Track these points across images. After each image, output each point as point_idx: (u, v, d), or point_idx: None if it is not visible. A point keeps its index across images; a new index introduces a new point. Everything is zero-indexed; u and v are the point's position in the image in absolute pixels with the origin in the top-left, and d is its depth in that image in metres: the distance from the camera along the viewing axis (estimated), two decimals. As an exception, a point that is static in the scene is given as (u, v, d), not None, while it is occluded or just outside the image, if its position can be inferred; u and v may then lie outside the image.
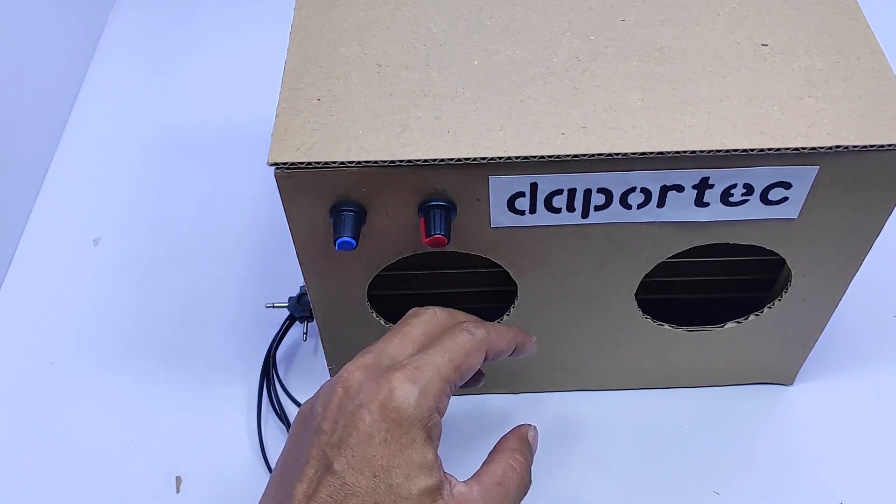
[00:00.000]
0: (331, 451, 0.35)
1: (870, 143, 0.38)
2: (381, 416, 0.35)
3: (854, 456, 0.54)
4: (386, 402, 0.35)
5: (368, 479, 0.34)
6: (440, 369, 0.37)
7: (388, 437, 0.35)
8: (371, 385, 0.36)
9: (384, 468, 0.35)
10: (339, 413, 0.36)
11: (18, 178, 0.69)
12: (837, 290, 0.48)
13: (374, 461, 0.35)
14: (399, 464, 0.35)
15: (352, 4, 0.46)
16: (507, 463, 0.40)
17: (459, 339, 0.39)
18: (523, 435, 0.42)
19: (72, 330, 0.61)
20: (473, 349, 0.39)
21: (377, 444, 0.35)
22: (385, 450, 0.35)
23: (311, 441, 0.36)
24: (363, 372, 0.37)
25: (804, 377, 0.57)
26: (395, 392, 0.35)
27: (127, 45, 0.83)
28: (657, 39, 0.44)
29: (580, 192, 0.41)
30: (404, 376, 0.36)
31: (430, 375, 0.37)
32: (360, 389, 0.36)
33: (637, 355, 0.53)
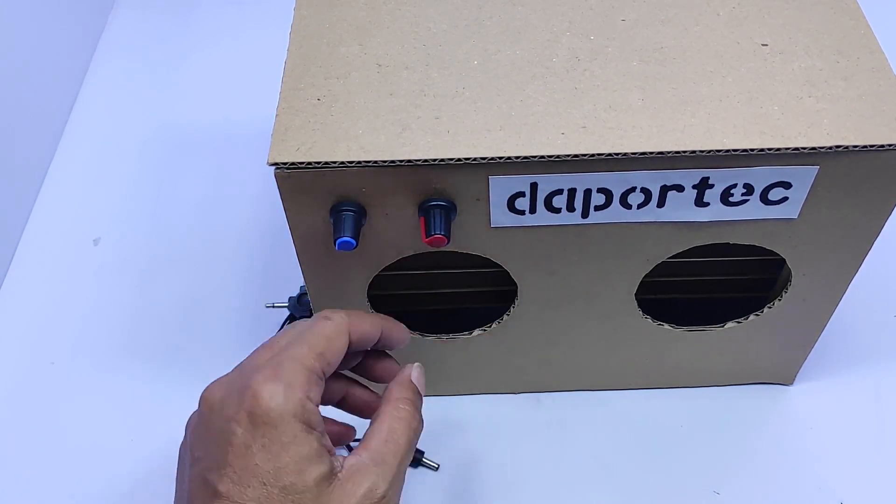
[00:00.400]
0: (211, 476, 0.34)
1: (870, 143, 0.38)
2: (252, 424, 0.34)
3: (854, 456, 0.53)
4: (253, 409, 0.34)
5: (258, 490, 0.34)
6: (302, 360, 0.36)
7: (265, 441, 0.34)
8: (233, 397, 0.35)
9: (272, 473, 0.34)
10: (208, 435, 0.35)
11: (18, 177, 0.68)
12: (837, 290, 0.48)
13: (259, 470, 0.34)
14: (285, 463, 0.34)
15: (352, 4, 0.46)
16: (391, 416, 0.39)
17: (317, 327, 0.38)
18: (405, 379, 0.41)
19: (72, 330, 0.61)
20: (333, 333, 0.38)
21: (256, 452, 0.34)
22: (267, 455, 0.34)
23: (190, 473, 0.35)
24: (223, 387, 0.36)
25: (804, 377, 0.57)
26: (259, 395, 0.34)
27: (127, 45, 0.83)
28: (657, 39, 0.44)
29: (580, 191, 0.41)
30: (264, 377, 0.35)
31: (292, 368, 0.36)
32: (224, 405, 0.35)
33: (637, 355, 0.53)
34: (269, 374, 0.35)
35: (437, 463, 0.54)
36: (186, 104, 0.76)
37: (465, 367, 0.54)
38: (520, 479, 0.53)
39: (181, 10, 0.86)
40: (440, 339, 0.52)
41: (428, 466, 0.54)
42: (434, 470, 0.54)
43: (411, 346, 0.52)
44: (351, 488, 0.35)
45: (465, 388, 0.56)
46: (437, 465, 0.54)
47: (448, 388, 0.56)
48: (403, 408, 0.40)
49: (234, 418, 0.34)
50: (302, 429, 0.35)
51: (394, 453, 0.37)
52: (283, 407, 0.34)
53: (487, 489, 0.53)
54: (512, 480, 0.53)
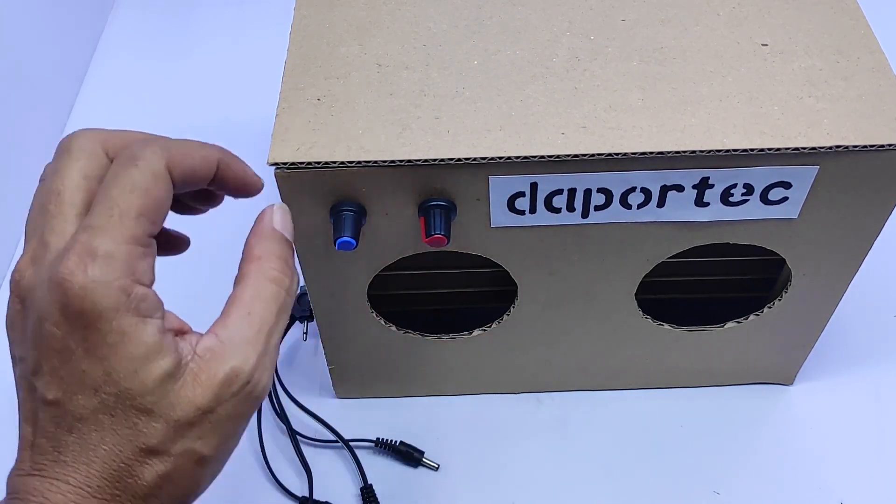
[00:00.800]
0: (37, 381, 0.29)
1: (870, 143, 0.38)
2: (69, 326, 0.28)
3: (854, 456, 0.54)
4: (66, 307, 0.28)
5: (90, 398, 0.29)
6: (114, 233, 0.29)
7: (87, 345, 0.28)
8: (43, 287, 0.29)
9: (102, 379, 0.29)
10: (24, 335, 0.30)
11: (19, 177, 0.68)
12: (837, 290, 0.48)
13: (87, 377, 0.29)
14: (117, 366, 0.29)
15: (352, 4, 0.46)
16: (254, 278, 0.33)
17: (126, 181, 0.30)
18: (266, 230, 0.35)
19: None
20: (148, 181, 0.30)
21: (81, 357, 0.28)
22: (92, 360, 0.28)
23: (16, 374, 0.31)
24: (31, 271, 0.30)
25: (804, 377, 0.57)
26: (70, 288, 0.28)
27: (127, 45, 0.83)
28: (657, 39, 0.44)
29: (580, 191, 0.40)
30: (73, 266, 0.28)
31: (106, 248, 0.28)
32: (34, 297, 0.29)
33: (637, 355, 0.53)
34: (76, 261, 0.28)
35: (437, 463, 0.54)
36: (186, 104, 0.76)
37: (465, 367, 0.54)
38: (520, 479, 0.53)
39: (181, 10, 0.86)
40: (440, 339, 0.52)
41: (428, 466, 0.54)
42: (434, 470, 0.54)
43: (411, 345, 0.52)
44: (205, 379, 0.30)
45: (465, 388, 0.56)
46: (437, 465, 0.54)
47: (448, 388, 0.56)
48: (269, 266, 0.33)
49: (48, 317, 0.28)
50: (132, 322, 0.29)
51: (259, 327, 0.32)
52: (101, 303, 0.28)
53: (487, 489, 0.53)
54: (512, 480, 0.53)
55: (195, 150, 0.32)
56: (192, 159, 0.32)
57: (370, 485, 0.52)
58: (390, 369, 0.54)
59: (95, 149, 0.32)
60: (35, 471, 0.29)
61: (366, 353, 0.52)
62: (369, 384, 0.56)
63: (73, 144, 0.32)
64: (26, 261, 0.31)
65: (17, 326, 0.30)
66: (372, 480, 0.53)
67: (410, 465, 0.54)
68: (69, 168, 0.31)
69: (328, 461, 0.54)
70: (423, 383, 0.56)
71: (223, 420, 0.31)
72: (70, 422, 0.29)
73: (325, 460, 0.54)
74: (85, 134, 0.32)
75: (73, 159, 0.31)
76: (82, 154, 0.31)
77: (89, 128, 0.32)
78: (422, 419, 0.56)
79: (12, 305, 0.31)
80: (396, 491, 0.53)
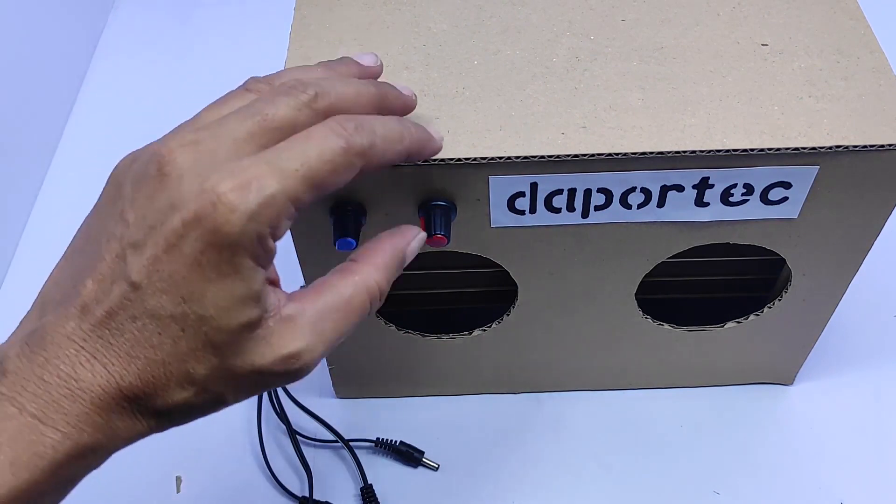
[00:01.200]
0: (131, 254, 0.28)
1: (870, 142, 0.38)
2: (198, 232, 0.27)
3: (854, 456, 0.54)
4: (204, 215, 0.27)
5: (174, 304, 0.28)
6: (287, 185, 0.28)
7: (202, 259, 0.28)
8: (192, 181, 0.28)
9: (195, 295, 0.28)
10: (148, 205, 0.28)
11: (19, 177, 0.68)
12: (837, 290, 0.48)
13: (184, 284, 0.28)
14: (215, 293, 0.28)
15: (352, 4, 0.46)
16: (361, 284, 0.32)
17: (327, 145, 0.30)
18: (399, 247, 0.35)
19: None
20: (343, 164, 0.30)
21: (189, 263, 0.28)
22: (198, 274, 0.28)
23: (111, 229, 0.29)
24: (192, 155, 0.29)
25: (804, 377, 0.57)
26: (219, 207, 0.27)
27: (127, 45, 0.83)
28: (657, 39, 0.44)
29: (580, 191, 0.40)
30: (236, 186, 0.27)
31: (271, 192, 0.28)
32: (180, 181, 0.28)
33: (637, 355, 0.53)
34: (241, 184, 0.28)
35: (437, 463, 0.54)
36: (186, 104, 0.76)
37: (465, 367, 0.54)
38: (520, 479, 0.53)
39: (181, 10, 0.86)
40: (440, 339, 0.52)
41: (428, 466, 0.54)
42: (434, 470, 0.54)
43: (411, 345, 0.52)
44: (274, 344, 0.30)
45: (465, 388, 0.56)
46: (437, 465, 0.54)
47: (448, 388, 0.56)
48: (378, 282, 0.33)
49: (181, 210, 0.28)
50: (248, 265, 0.28)
51: (337, 330, 0.32)
52: (238, 236, 0.28)
53: (487, 489, 0.53)
54: (512, 480, 0.53)
55: (396, 142, 0.33)
56: (391, 153, 0.32)
57: (370, 485, 0.52)
58: (390, 369, 0.54)
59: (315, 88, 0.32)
60: (77, 337, 0.28)
61: (366, 353, 0.52)
62: (369, 384, 0.56)
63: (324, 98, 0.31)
64: (187, 141, 0.29)
65: (143, 195, 0.28)
66: (372, 480, 0.53)
67: (410, 465, 0.54)
68: (280, 101, 0.31)
69: (328, 461, 0.54)
70: (423, 383, 0.56)
71: (261, 384, 0.31)
72: (139, 312, 0.28)
73: (325, 460, 0.54)
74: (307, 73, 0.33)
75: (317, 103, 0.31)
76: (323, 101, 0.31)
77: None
78: (422, 419, 0.56)
79: (150, 174, 0.29)
80: (396, 491, 0.53)
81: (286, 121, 0.30)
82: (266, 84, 0.33)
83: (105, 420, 0.28)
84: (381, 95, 0.34)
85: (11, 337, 0.30)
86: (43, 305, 0.30)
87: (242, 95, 0.33)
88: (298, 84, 0.32)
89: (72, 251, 0.31)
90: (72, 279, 0.29)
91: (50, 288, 0.30)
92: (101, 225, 0.30)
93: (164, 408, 0.29)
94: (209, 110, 0.33)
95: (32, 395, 0.27)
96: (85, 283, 0.28)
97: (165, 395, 0.29)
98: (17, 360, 0.28)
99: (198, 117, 0.33)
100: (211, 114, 0.32)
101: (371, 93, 0.34)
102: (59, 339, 0.28)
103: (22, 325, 0.30)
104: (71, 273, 0.30)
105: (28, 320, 0.30)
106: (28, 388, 0.27)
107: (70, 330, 0.28)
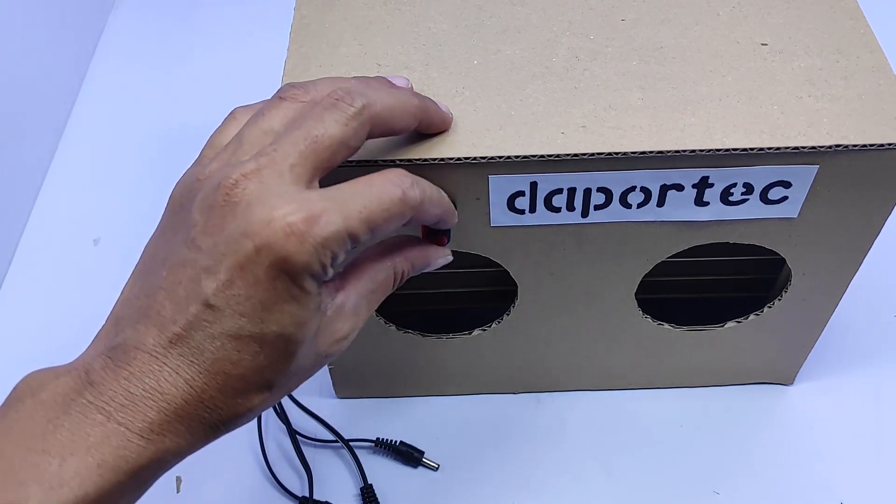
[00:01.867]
0: (206, 279, 0.30)
1: (870, 142, 0.38)
2: (270, 259, 0.30)
3: (854, 456, 0.53)
4: (276, 244, 0.29)
5: (251, 325, 0.30)
6: (349, 224, 0.31)
7: (275, 283, 0.30)
8: (262, 211, 0.30)
9: (270, 316, 0.30)
10: (219, 232, 0.30)
11: (19, 177, 0.68)
12: (837, 290, 0.48)
13: (259, 306, 0.30)
14: (288, 313, 0.31)
15: (352, 4, 0.46)
16: (393, 266, 0.36)
17: (386, 194, 0.33)
18: (427, 258, 0.39)
19: (72, 330, 0.61)
20: (397, 214, 0.33)
21: (263, 287, 0.30)
22: (271, 296, 0.30)
23: (184, 255, 0.31)
24: (256, 185, 0.30)
25: (804, 377, 0.57)
26: (291, 238, 0.30)
27: (127, 45, 0.83)
28: (657, 39, 0.44)
29: (580, 191, 0.41)
30: (306, 218, 0.30)
31: (336, 228, 0.30)
32: (250, 211, 0.30)
33: (637, 355, 0.53)
34: (309, 216, 0.30)
35: (437, 463, 0.54)
36: (187, 104, 0.76)
37: (465, 367, 0.54)
38: (520, 479, 0.53)
39: (181, 11, 0.86)
40: (440, 339, 0.52)
41: (428, 466, 0.54)
42: (434, 470, 0.54)
43: (411, 345, 0.52)
44: (330, 330, 0.33)
45: (465, 388, 0.56)
46: (437, 465, 0.54)
47: (448, 388, 0.56)
48: (402, 267, 0.37)
49: (253, 238, 0.30)
50: (314, 287, 0.31)
51: (372, 306, 0.36)
52: (308, 263, 0.30)
53: (487, 489, 0.53)
54: (512, 480, 0.53)
55: (438, 204, 0.37)
56: (435, 211, 0.36)
57: (370, 485, 0.52)
58: (390, 369, 0.54)
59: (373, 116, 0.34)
60: (159, 354, 0.30)
61: (366, 353, 0.52)
62: (369, 384, 0.56)
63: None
64: (250, 170, 0.31)
65: (217, 216, 0.30)
66: (372, 480, 0.53)
67: (410, 465, 0.54)
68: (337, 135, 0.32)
69: (328, 461, 0.54)
70: (423, 383, 0.56)
71: (318, 367, 0.34)
72: (217, 333, 0.30)
73: (325, 460, 0.54)
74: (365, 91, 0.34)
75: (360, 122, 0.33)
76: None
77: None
78: (422, 419, 0.56)
79: (217, 202, 0.30)
80: (396, 491, 0.53)
81: (336, 139, 0.32)
82: (303, 91, 0.35)
83: (186, 428, 0.31)
84: (424, 108, 0.37)
85: (90, 350, 0.32)
86: (117, 322, 0.32)
87: (281, 105, 0.34)
88: (344, 95, 0.33)
89: (141, 272, 0.33)
90: (146, 299, 0.31)
91: (123, 306, 0.33)
92: (169, 249, 0.32)
93: (241, 412, 0.32)
94: (251, 126, 0.34)
95: (119, 405, 0.29)
96: (163, 304, 0.31)
97: (245, 402, 0.32)
98: (102, 372, 0.30)
99: (241, 136, 0.34)
100: (254, 130, 0.34)
101: (415, 104, 0.36)
102: (143, 355, 0.30)
103: (99, 338, 0.33)
104: (144, 293, 0.32)
105: (105, 335, 0.32)
106: (115, 398, 0.29)
107: (151, 346, 0.30)
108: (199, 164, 0.35)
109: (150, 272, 0.32)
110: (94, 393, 0.29)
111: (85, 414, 0.29)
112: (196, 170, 0.34)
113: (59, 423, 0.29)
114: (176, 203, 0.33)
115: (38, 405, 0.29)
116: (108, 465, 0.29)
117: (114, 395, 0.29)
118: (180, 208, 0.33)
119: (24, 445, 0.28)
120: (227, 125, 0.37)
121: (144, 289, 0.32)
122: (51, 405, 0.29)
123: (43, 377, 0.31)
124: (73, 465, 0.28)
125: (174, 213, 0.33)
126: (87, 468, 0.28)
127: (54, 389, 0.30)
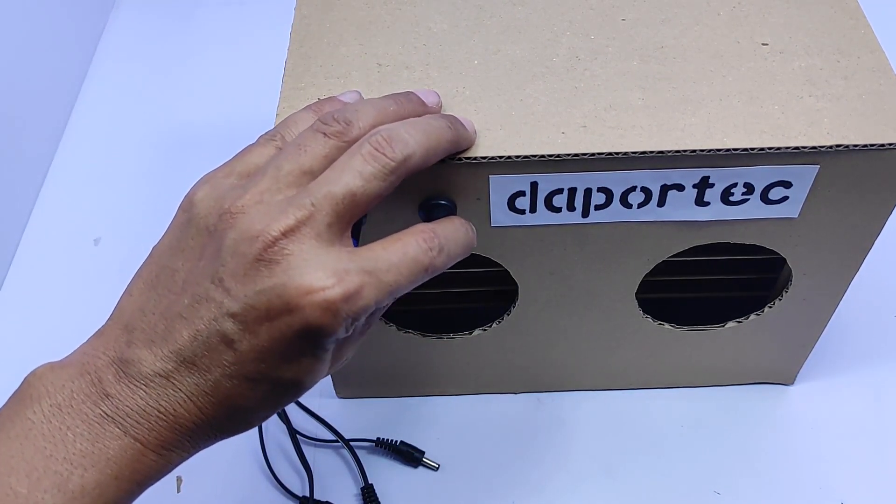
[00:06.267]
0: (230, 323, 0.31)
1: (870, 142, 0.38)
2: (301, 323, 0.31)
3: (854, 456, 0.53)
4: (311, 314, 0.30)
5: (269, 370, 0.32)
6: (381, 296, 0.32)
7: (301, 343, 0.31)
8: (300, 278, 0.30)
9: (288, 368, 0.32)
10: (252, 284, 0.31)
11: (19, 177, 0.68)
12: (837, 290, 0.48)
13: (280, 358, 0.32)
14: (304, 365, 0.32)
15: (352, 4, 0.46)
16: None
17: (417, 265, 0.33)
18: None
19: (72, 330, 0.61)
20: (419, 279, 0.34)
21: (286, 345, 0.31)
22: (294, 352, 0.32)
23: (208, 290, 0.31)
24: (296, 244, 0.31)
25: (804, 377, 0.57)
26: (326, 313, 0.30)
27: (127, 45, 0.83)
28: (657, 39, 0.44)
29: (580, 191, 0.41)
30: (343, 296, 0.31)
31: (367, 303, 0.31)
32: (288, 275, 0.30)
33: (637, 355, 0.53)
34: (346, 293, 0.31)
35: (438, 463, 0.54)
36: (186, 104, 0.76)
37: (465, 367, 0.54)
38: (520, 479, 0.53)
39: (181, 10, 0.86)
40: (440, 339, 0.52)
41: (428, 466, 0.54)
42: (434, 470, 0.54)
43: (411, 345, 0.52)
44: (334, 359, 0.35)
45: (465, 388, 0.56)
46: (438, 465, 0.54)
47: (448, 388, 0.56)
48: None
49: (286, 302, 0.30)
50: (333, 344, 0.33)
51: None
52: (334, 331, 0.31)
53: (487, 489, 0.53)
54: (512, 480, 0.53)
55: (462, 243, 0.36)
56: (457, 251, 0.36)
57: (370, 484, 0.52)
58: (390, 369, 0.54)
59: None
60: (175, 380, 0.31)
61: (366, 353, 0.52)
62: (369, 384, 0.56)
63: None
64: (280, 228, 0.31)
65: (251, 267, 0.31)
66: (372, 480, 0.53)
67: (410, 465, 0.54)
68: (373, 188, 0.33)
69: (328, 461, 0.54)
70: (423, 383, 0.56)
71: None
72: (234, 373, 0.31)
73: (325, 460, 0.54)
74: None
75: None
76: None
77: None
78: (422, 419, 0.56)
79: (256, 246, 0.31)
80: (396, 491, 0.53)
81: (373, 195, 0.33)
82: (345, 126, 0.34)
83: (194, 444, 0.33)
84: (456, 142, 0.37)
85: (97, 347, 0.33)
86: (129, 331, 0.33)
87: (323, 143, 0.34)
88: (385, 145, 0.33)
89: (154, 283, 0.33)
90: (164, 321, 0.32)
91: (135, 316, 0.33)
92: (191, 274, 0.32)
93: (243, 430, 0.34)
94: (290, 160, 0.33)
95: (135, 422, 0.31)
96: (181, 333, 0.31)
97: (249, 424, 0.34)
98: (116, 384, 0.31)
99: (280, 168, 0.33)
100: (293, 167, 0.33)
101: (448, 140, 0.36)
102: (160, 380, 0.31)
103: (106, 338, 0.33)
104: (161, 313, 0.32)
105: (114, 339, 0.33)
106: (131, 416, 0.31)
107: (168, 373, 0.31)
108: (227, 177, 0.34)
109: (167, 289, 0.33)
110: (110, 406, 0.31)
111: (103, 426, 0.31)
112: (226, 189, 0.33)
113: (79, 433, 0.31)
114: (201, 220, 0.33)
115: (55, 410, 0.31)
116: (125, 476, 0.31)
117: (129, 413, 0.31)
118: (206, 232, 0.33)
119: (46, 453, 0.30)
120: (264, 144, 0.36)
121: (160, 307, 0.32)
122: (68, 411, 0.31)
123: (56, 377, 0.32)
124: (93, 476, 0.30)
125: (199, 231, 0.33)
126: (107, 479, 0.31)
127: (70, 395, 0.31)
